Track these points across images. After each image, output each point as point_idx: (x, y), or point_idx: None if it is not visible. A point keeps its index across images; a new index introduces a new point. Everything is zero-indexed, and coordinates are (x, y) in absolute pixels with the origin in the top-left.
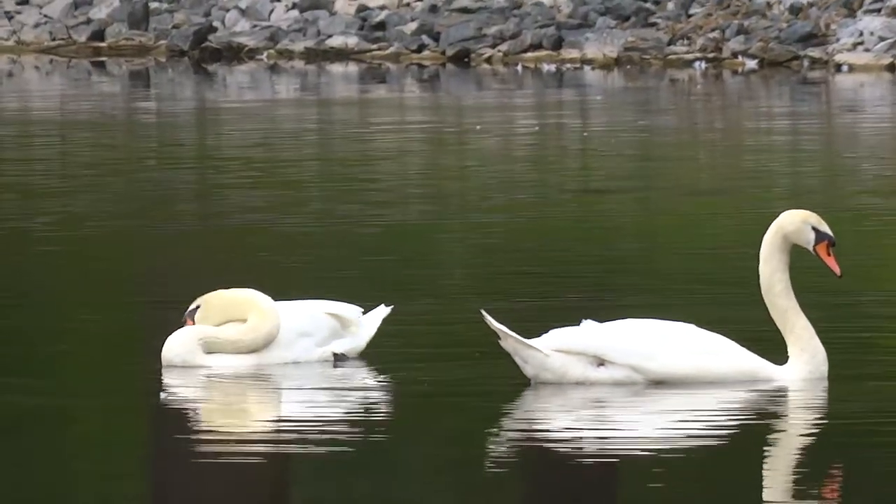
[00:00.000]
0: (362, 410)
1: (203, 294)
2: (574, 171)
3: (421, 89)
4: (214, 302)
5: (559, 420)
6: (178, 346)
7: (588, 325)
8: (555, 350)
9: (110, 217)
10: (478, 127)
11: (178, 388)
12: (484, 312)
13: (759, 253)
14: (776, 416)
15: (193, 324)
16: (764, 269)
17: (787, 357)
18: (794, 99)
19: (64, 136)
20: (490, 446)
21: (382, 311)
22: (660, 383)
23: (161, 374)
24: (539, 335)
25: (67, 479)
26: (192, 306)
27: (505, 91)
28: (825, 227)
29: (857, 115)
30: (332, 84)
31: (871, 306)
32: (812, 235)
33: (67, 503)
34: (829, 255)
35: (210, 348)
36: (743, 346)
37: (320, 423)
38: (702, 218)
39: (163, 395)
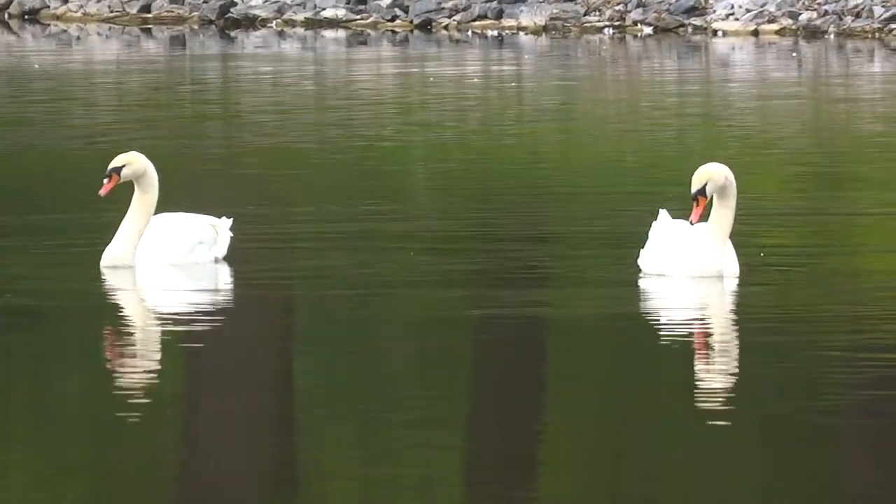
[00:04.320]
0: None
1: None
2: (503, 111)
3: (393, 49)
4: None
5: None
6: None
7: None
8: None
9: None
10: (431, 78)
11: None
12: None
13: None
14: (705, 307)
15: (119, 179)
16: None
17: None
18: (680, 57)
19: (121, 80)
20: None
21: (227, 222)
22: (659, 275)
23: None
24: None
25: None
26: (117, 164)
27: (457, 50)
28: (693, 185)
29: (728, 69)
30: (325, 45)
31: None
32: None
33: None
34: (693, 205)
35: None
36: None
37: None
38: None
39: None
